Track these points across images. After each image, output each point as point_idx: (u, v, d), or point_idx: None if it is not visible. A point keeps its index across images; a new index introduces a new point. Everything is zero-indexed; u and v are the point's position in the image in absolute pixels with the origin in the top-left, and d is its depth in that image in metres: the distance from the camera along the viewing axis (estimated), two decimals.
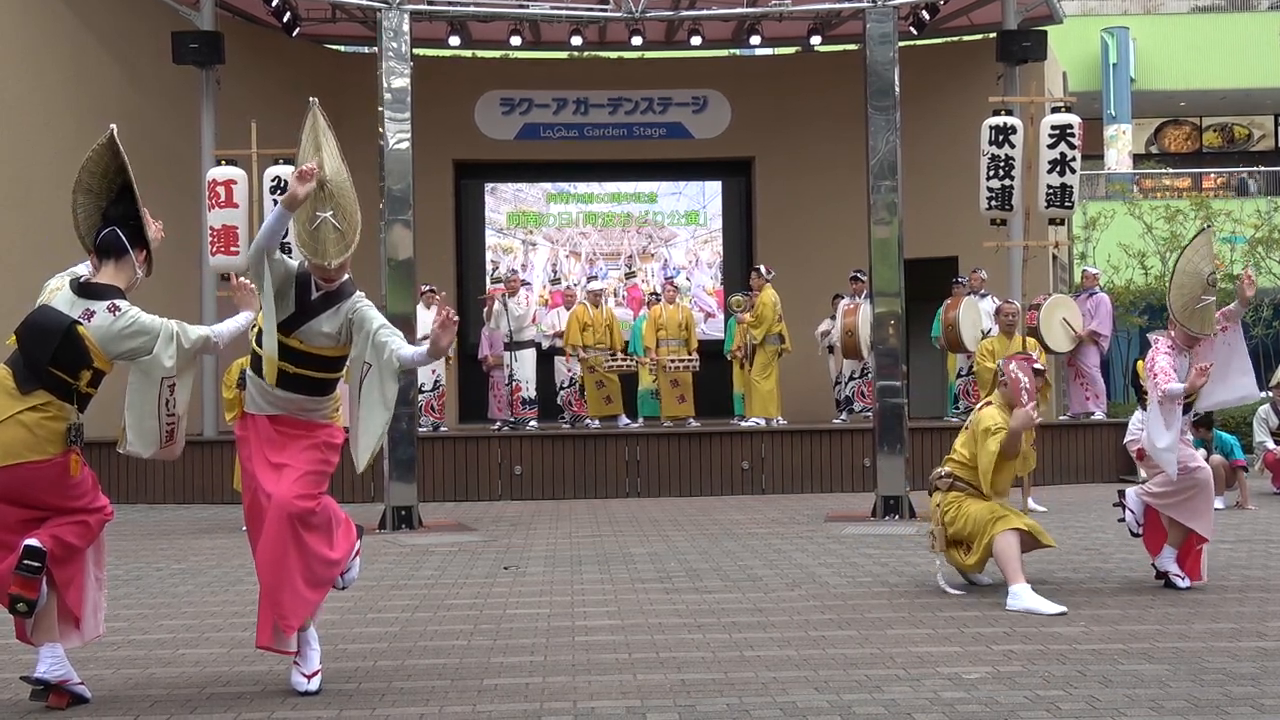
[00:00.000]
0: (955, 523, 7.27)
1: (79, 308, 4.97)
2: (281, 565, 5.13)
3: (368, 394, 5.22)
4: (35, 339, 4.94)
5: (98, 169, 5.18)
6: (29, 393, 4.91)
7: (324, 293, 5.31)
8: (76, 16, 14.94)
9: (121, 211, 5.17)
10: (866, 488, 13.19)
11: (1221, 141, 35.95)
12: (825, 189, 18.67)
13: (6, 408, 4.89)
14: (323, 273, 5.28)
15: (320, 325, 5.29)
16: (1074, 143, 11.34)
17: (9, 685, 5.31)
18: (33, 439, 4.88)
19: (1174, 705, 4.76)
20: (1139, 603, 6.91)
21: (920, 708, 4.78)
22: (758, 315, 14.95)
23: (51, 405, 4.93)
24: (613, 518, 11.81)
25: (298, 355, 5.27)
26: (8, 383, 4.93)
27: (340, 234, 5.24)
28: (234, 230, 11.75)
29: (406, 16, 11.66)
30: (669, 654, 5.78)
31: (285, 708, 4.96)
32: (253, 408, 5.40)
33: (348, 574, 5.50)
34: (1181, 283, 7.43)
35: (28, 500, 4.94)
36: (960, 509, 7.27)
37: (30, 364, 4.93)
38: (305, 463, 5.25)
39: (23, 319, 5.03)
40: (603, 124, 19.76)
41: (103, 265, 5.11)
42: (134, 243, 5.15)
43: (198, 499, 13.61)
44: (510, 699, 5.01)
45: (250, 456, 5.34)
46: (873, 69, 11.65)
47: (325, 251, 5.22)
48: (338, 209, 5.24)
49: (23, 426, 4.87)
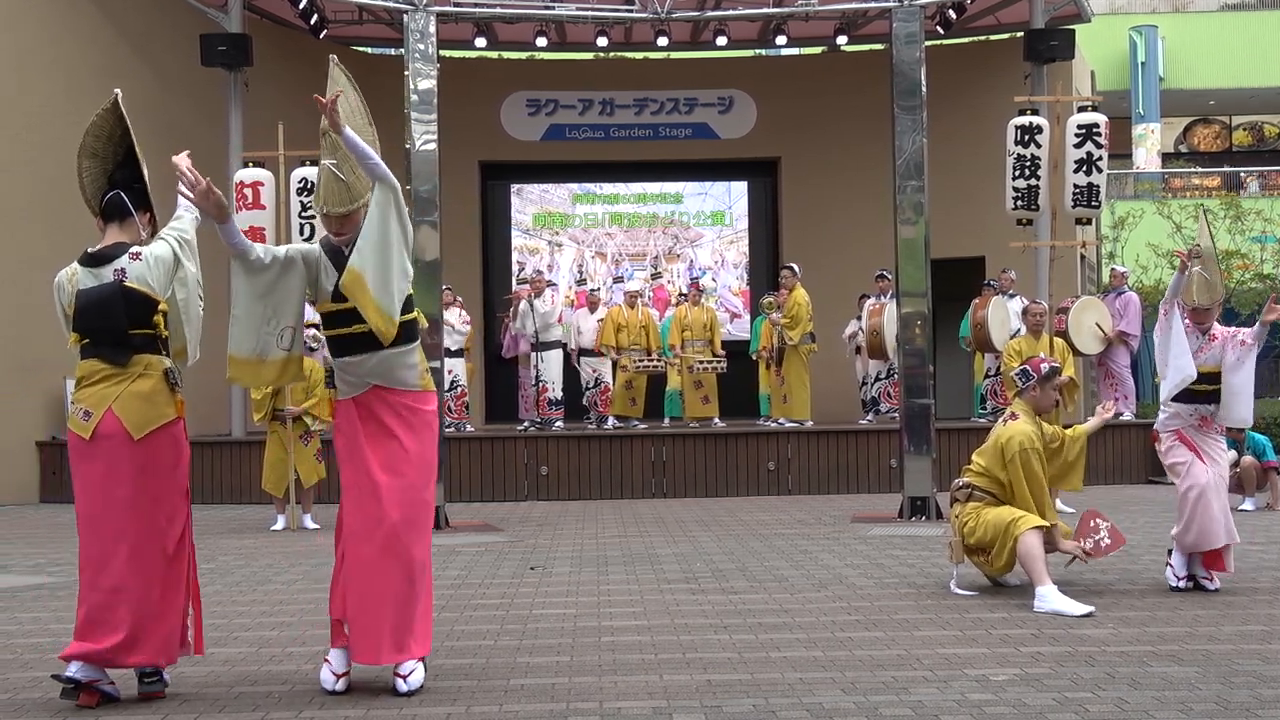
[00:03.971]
0: (975, 532, 7.23)
1: (108, 273, 5.04)
2: (409, 593, 5.15)
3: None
4: (102, 315, 5.02)
5: (102, 133, 5.25)
6: (127, 363, 5.04)
7: (349, 244, 5.21)
8: (107, 19, 15.07)
9: (126, 175, 5.24)
10: (893, 489, 13.14)
11: (1252, 140, 35.68)
12: (851, 189, 18.63)
13: (116, 387, 5.01)
14: (327, 223, 5.26)
15: None
16: (1100, 142, 11.29)
17: (39, 684, 5.35)
18: (152, 405, 5.05)
19: (1203, 708, 4.72)
20: (1168, 604, 6.86)
21: (948, 709, 4.76)
22: (792, 315, 14.91)
23: (149, 365, 5.07)
24: (639, 518, 11.82)
25: (349, 314, 5.20)
26: (102, 368, 5.02)
27: (344, 184, 5.19)
28: (261, 232, 11.81)
29: (432, 18, 11.69)
30: (695, 654, 5.77)
31: (313, 707, 4.97)
32: (343, 396, 5.37)
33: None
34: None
35: (157, 471, 5.06)
36: (979, 517, 7.23)
37: (114, 338, 5.04)
38: (411, 483, 5.24)
39: (71, 316, 5.08)
40: (628, 124, 19.79)
41: (108, 228, 5.18)
42: (138, 205, 5.22)
43: (226, 499, 13.69)
44: (537, 699, 5.02)
45: (342, 466, 5.31)
46: (899, 68, 11.62)
47: (326, 199, 5.21)
48: (342, 159, 5.18)
49: (139, 397, 5.02)
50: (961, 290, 16.07)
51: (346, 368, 5.29)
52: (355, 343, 5.23)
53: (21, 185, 13.79)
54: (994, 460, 7.30)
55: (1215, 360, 7.40)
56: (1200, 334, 7.44)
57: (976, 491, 7.34)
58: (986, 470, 7.33)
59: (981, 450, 7.46)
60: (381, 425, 5.27)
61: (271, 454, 11.39)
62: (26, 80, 14.21)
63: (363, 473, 5.22)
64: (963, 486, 7.43)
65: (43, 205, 13.32)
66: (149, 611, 5.01)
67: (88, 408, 5.01)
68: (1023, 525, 7.01)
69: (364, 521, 5.18)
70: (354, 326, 5.20)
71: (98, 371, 5.03)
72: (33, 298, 13.40)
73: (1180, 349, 7.40)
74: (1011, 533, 7.02)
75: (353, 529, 5.21)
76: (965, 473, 7.51)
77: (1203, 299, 7.41)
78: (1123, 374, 14.90)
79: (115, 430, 4.99)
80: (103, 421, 4.99)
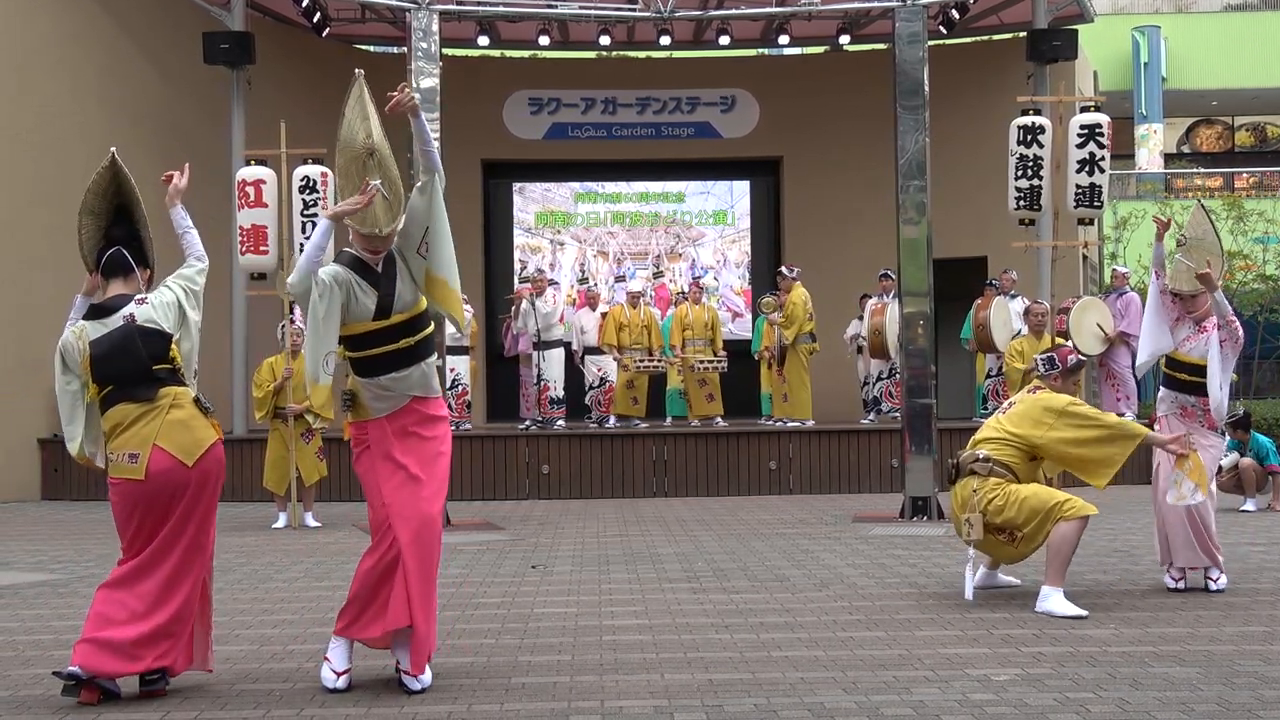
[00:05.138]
0: (1004, 510, 6.69)
1: (116, 320, 5.12)
2: (431, 597, 5.20)
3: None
4: (123, 355, 5.10)
5: (100, 190, 5.34)
6: (155, 398, 5.12)
7: (380, 261, 5.25)
8: (111, 17, 15.10)
9: (124, 232, 5.33)
10: (894, 488, 13.16)
11: (1254, 141, 35.67)
12: (853, 189, 18.64)
13: (153, 423, 5.10)
14: (371, 243, 5.22)
15: (403, 290, 5.28)
16: (1103, 142, 11.29)
17: (41, 680, 5.37)
18: (193, 431, 5.16)
19: (1205, 709, 4.73)
20: (1170, 605, 6.86)
21: (949, 709, 4.77)
22: (789, 315, 14.93)
23: (177, 395, 5.17)
24: (640, 517, 11.83)
25: (396, 329, 5.24)
26: (132, 409, 5.10)
27: (389, 203, 5.22)
28: (263, 230, 11.83)
29: (435, 16, 11.71)
30: (696, 654, 5.78)
31: (315, 704, 4.99)
32: (369, 414, 5.30)
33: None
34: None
35: (204, 492, 5.17)
36: (1009, 495, 6.70)
37: (138, 376, 5.12)
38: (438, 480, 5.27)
39: (88, 369, 5.10)
40: (631, 123, 19.80)
41: (110, 283, 5.25)
42: (139, 261, 5.30)
43: (228, 496, 13.60)
44: (538, 698, 5.03)
45: (376, 468, 5.27)
46: (902, 68, 11.62)
47: (377, 220, 5.19)
48: (386, 178, 5.22)
49: (179, 425, 5.14)
50: (963, 290, 16.08)
51: (390, 385, 5.25)
52: (400, 358, 5.24)
53: (23, 185, 13.81)
54: (1034, 424, 6.81)
55: (1200, 352, 7.24)
56: (1192, 323, 7.37)
57: (997, 467, 6.81)
58: (1020, 438, 6.82)
59: (1010, 417, 6.95)
60: (412, 433, 5.30)
61: (273, 452, 11.40)
62: (29, 80, 14.22)
63: (402, 469, 5.23)
64: (982, 459, 6.85)
65: (44, 205, 13.34)
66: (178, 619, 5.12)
67: (131, 451, 5.08)
68: (1069, 511, 6.58)
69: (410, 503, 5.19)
70: (400, 342, 5.24)
71: (129, 415, 5.10)
72: (33, 297, 13.47)
73: (1154, 320, 7.38)
74: (1054, 515, 6.58)
75: (401, 514, 5.17)
76: (980, 444, 6.95)
77: (1178, 284, 7.33)
78: (1124, 374, 14.89)
79: (168, 464, 5.08)
80: (152, 459, 5.07)
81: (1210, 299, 7.24)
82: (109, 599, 5.07)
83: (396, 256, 5.30)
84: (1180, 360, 7.36)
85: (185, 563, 5.13)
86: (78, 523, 11.96)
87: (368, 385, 5.24)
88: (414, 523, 5.12)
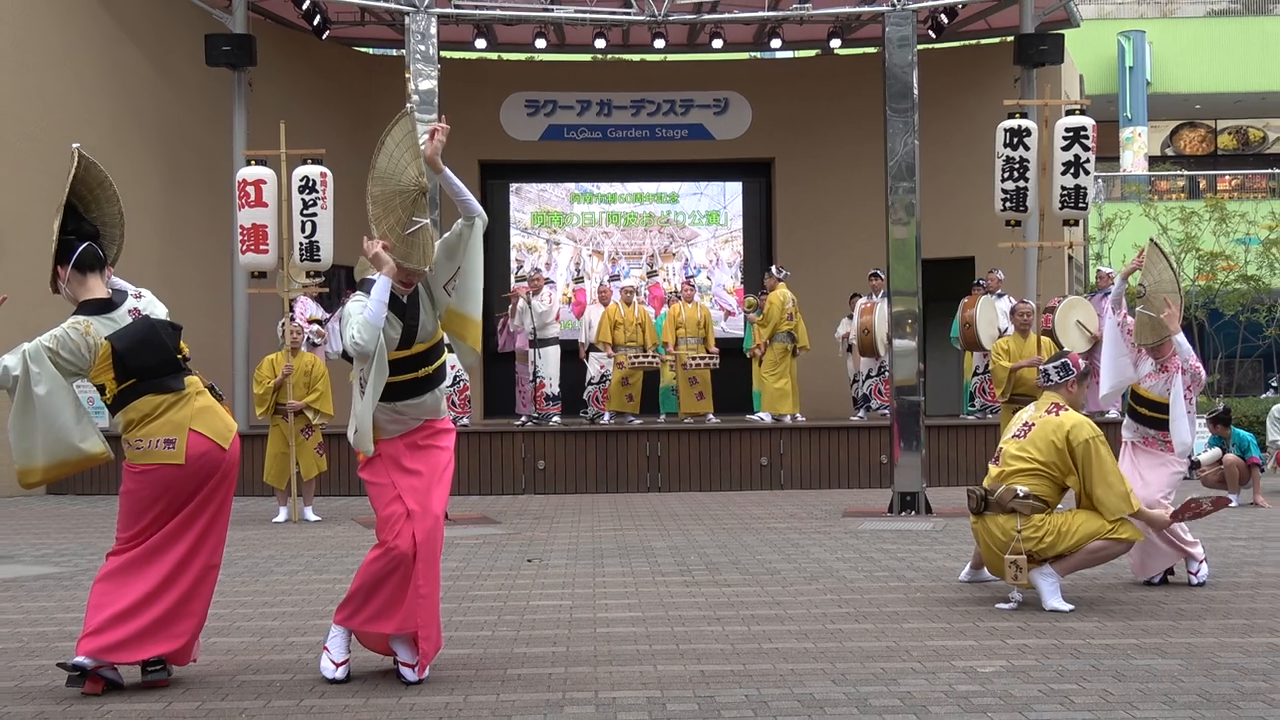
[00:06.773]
0: (1056, 545, 6.62)
1: (124, 315, 5.18)
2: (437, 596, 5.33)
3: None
4: (152, 350, 5.17)
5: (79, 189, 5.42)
6: (181, 388, 5.22)
7: (406, 293, 5.31)
8: (113, 19, 15.20)
9: (90, 229, 5.37)
10: (883, 484, 13.31)
11: (1236, 144, 35.83)
12: (844, 190, 18.75)
13: (184, 410, 5.18)
14: (411, 276, 5.25)
15: (425, 321, 5.37)
16: (1088, 145, 11.41)
17: (45, 671, 5.43)
18: (221, 416, 5.30)
19: (1186, 700, 4.80)
20: (1152, 599, 6.96)
21: (935, 700, 4.84)
22: (765, 315, 15.14)
23: (194, 383, 5.29)
24: (634, 512, 11.93)
25: (416, 359, 5.33)
26: (162, 399, 5.16)
27: (430, 238, 5.29)
28: (263, 229, 11.90)
29: (433, 19, 11.82)
30: (688, 646, 5.85)
31: (314, 695, 5.04)
32: (382, 435, 5.36)
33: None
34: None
35: (231, 476, 5.30)
36: (1059, 529, 6.63)
37: (169, 367, 5.21)
38: (446, 484, 5.41)
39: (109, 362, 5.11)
40: (625, 125, 19.87)
41: (88, 277, 5.25)
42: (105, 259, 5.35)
43: None
44: (533, 688, 5.09)
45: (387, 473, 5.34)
46: (891, 72, 11.75)
47: (425, 258, 5.23)
48: (424, 215, 5.24)
49: (209, 412, 5.26)
50: (952, 290, 16.20)
51: (408, 410, 5.34)
52: (418, 386, 5.34)
53: (26, 184, 13.86)
54: (1056, 453, 6.68)
55: (1161, 391, 7.35)
56: (1154, 360, 7.46)
57: (1037, 501, 6.66)
58: (1048, 465, 6.67)
59: (1032, 442, 6.75)
60: (421, 446, 5.40)
61: (274, 447, 11.50)
62: (31, 80, 14.29)
63: (413, 474, 5.33)
64: (1023, 497, 6.64)
65: (47, 205, 13.33)
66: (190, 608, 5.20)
67: (166, 437, 5.13)
68: (1126, 534, 6.69)
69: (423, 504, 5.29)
70: (420, 370, 5.34)
71: (159, 404, 5.15)
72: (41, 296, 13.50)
73: (1113, 352, 7.50)
74: (1102, 536, 6.65)
75: (415, 513, 5.27)
76: (1011, 478, 6.73)
77: (1142, 339, 7.42)
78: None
79: (206, 446, 5.17)
80: (190, 444, 5.14)
81: (1172, 343, 7.35)
82: (110, 590, 5.09)
83: (420, 288, 5.36)
84: (1143, 395, 7.47)
85: (195, 549, 5.19)
86: (81, 516, 12.02)
87: (384, 409, 5.30)
88: (426, 521, 5.23)
